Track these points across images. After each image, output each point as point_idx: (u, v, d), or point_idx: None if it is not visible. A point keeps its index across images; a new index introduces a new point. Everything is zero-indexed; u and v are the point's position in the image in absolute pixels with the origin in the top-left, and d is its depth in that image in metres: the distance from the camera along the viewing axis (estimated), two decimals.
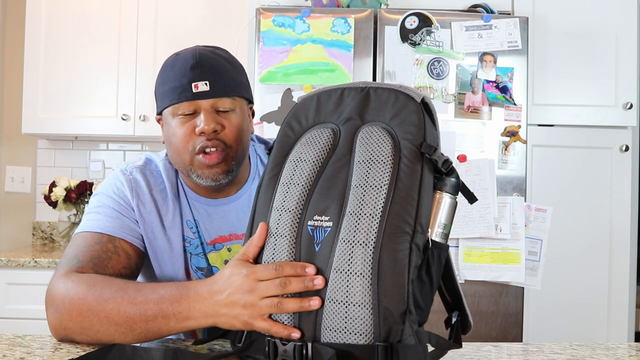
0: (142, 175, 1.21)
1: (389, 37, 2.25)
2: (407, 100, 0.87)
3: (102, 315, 0.96)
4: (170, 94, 1.13)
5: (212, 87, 1.12)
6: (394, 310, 0.78)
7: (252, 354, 0.88)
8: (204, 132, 1.11)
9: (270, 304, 0.85)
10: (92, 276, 1.02)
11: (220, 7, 2.78)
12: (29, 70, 2.78)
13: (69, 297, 0.99)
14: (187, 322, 0.92)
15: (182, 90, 1.12)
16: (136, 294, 0.96)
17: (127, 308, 0.95)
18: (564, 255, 2.44)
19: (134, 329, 0.94)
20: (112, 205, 1.17)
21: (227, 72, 1.15)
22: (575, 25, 2.47)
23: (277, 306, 0.84)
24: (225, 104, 1.14)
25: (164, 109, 1.16)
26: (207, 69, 1.12)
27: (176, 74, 1.13)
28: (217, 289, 0.90)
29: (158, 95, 1.18)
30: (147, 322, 0.94)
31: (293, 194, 0.88)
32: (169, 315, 0.93)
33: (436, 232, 0.84)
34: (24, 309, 2.45)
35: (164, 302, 0.93)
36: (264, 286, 0.85)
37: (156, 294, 0.95)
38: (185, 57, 1.14)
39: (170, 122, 1.15)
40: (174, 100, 1.13)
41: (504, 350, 1.10)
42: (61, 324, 0.99)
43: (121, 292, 0.97)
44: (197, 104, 1.12)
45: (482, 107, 2.24)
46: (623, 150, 2.46)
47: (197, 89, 1.11)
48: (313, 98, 0.95)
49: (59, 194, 2.78)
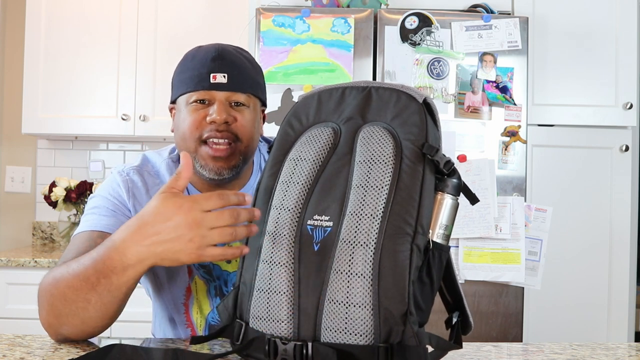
0: (139, 175, 1.21)
1: (389, 37, 2.25)
2: (409, 101, 0.87)
3: (61, 297, 0.96)
4: (188, 82, 1.14)
5: (229, 80, 1.13)
6: (395, 311, 0.78)
7: (252, 353, 0.87)
8: (214, 121, 1.12)
9: (221, 234, 0.85)
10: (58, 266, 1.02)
11: (220, 7, 2.78)
12: (29, 70, 2.78)
13: (42, 291, 1.00)
14: (127, 272, 0.91)
15: (199, 80, 1.13)
16: (77, 265, 0.95)
17: (74, 282, 0.94)
18: (564, 255, 2.44)
19: (88, 299, 0.94)
20: (108, 205, 1.17)
21: (247, 70, 1.16)
22: (575, 25, 2.47)
23: (231, 234, 0.85)
24: (240, 98, 1.15)
25: (179, 96, 1.17)
26: (227, 63, 1.14)
27: (196, 63, 1.14)
28: (150, 230, 0.87)
29: (175, 82, 1.19)
30: (95, 289, 0.93)
31: (292, 193, 0.88)
32: (107, 273, 0.91)
33: (437, 233, 0.84)
34: (24, 309, 2.45)
35: (97, 262, 0.92)
36: (214, 217, 0.85)
37: (90, 258, 0.94)
38: (207, 49, 1.16)
39: (183, 109, 1.16)
40: (190, 88, 1.14)
41: (504, 350, 1.10)
42: (45, 322, 1.00)
43: (67, 268, 0.97)
44: (213, 94, 1.13)
45: (482, 107, 2.24)
46: (623, 150, 2.46)
47: (214, 80, 1.12)
48: (314, 97, 0.95)
49: (59, 194, 2.78)
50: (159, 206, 0.88)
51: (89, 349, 0.96)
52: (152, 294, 1.28)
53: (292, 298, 0.84)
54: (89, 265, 0.93)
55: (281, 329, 0.84)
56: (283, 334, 0.84)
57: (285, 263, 0.85)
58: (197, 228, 0.85)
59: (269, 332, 0.85)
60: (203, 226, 0.85)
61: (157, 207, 0.88)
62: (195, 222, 0.85)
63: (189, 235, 0.85)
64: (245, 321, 0.88)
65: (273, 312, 0.85)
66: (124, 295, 0.95)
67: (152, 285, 1.26)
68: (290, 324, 0.84)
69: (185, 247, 0.86)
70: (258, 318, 0.86)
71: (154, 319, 1.33)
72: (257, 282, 0.87)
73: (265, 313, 0.85)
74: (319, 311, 0.82)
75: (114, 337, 1.08)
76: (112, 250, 0.91)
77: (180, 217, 0.86)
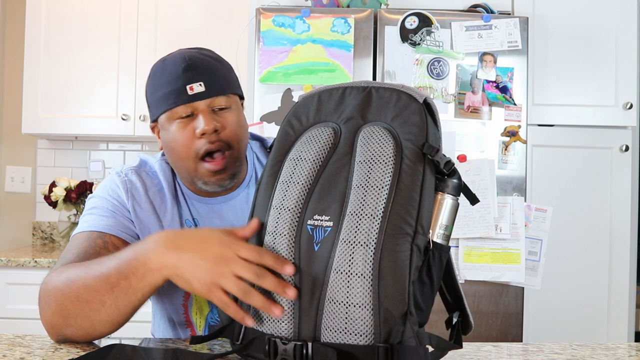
0: (138, 176, 1.21)
1: (389, 37, 2.25)
2: (409, 101, 0.87)
3: (73, 297, 0.95)
4: (166, 99, 1.13)
5: (207, 87, 1.12)
6: (395, 311, 0.78)
7: (252, 353, 0.87)
8: (205, 132, 1.11)
9: (238, 285, 0.84)
10: (66, 265, 1.02)
11: (220, 7, 2.78)
12: (29, 70, 2.78)
13: (47, 290, 0.99)
14: (146, 277, 0.91)
15: (177, 94, 1.11)
16: (98, 266, 0.96)
17: (92, 282, 0.94)
18: (564, 255, 2.44)
19: (103, 301, 0.93)
20: (107, 205, 1.17)
21: (219, 71, 1.15)
22: (575, 25, 2.47)
23: (245, 292, 0.84)
24: (221, 102, 1.14)
25: (159, 115, 1.15)
26: (200, 70, 1.12)
27: (168, 78, 1.12)
28: (183, 244, 0.89)
29: (151, 102, 1.17)
30: (112, 290, 0.92)
31: (292, 193, 0.88)
32: (128, 275, 0.91)
33: (437, 233, 0.84)
34: (24, 309, 2.45)
35: (122, 263, 0.93)
36: (241, 265, 0.84)
37: (115, 258, 0.94)
38: (174, 61, 1.13)
39: (168, 127, 1.15)
40: (170, 105, 1.12)
41: (504, 350, 1.10)
42: (48, 322, 0.99)
43: (85, 268, 0.97)
44: (194, 105, 1.12)
45: (482, 107, 2.24)
46: (623, 150, 2.46)
47: (192, 91, 1.11)
48: (314, 97, 0.95)
49: (59, 194, 2.78)
50: (206, 232, 0.89)
51: (89, 349, 0.96)
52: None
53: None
54: (112, 265, 0.94)
55: (281, 329, 0.84)
56: (283, 334, 0.84)
57: None
58: (221, 264, 0.85)
59: (269, 332, 0.85)
60: (228, 267, 0.85)
61: (204, 230, 0.90)
62: (224, 259, 0.85)
63: (210, 267, 0.85)
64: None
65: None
66: (138, 302, 0.95)
67: None
68: (290, 324, 0.84)
69: (202, 275, 0.86)
70: (258, 318, 0.86)
71: (154, 319, 1.33)
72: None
73: (265, 313, 0.86)
74: (319, 311, 0.82)
75: (113, 337, 1.08)
76: (140, 253, 0.92)
77: (215, 248, 0.86)
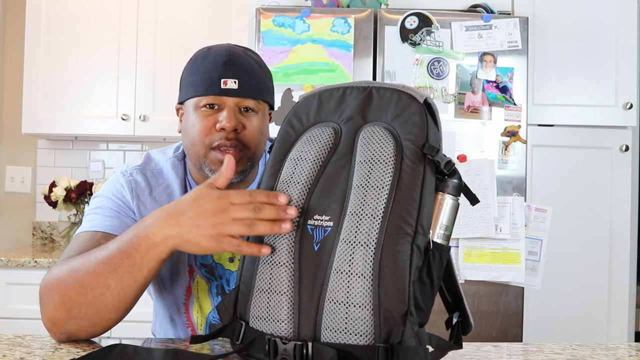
0: (143, 175, 1.21)
1: (389, 37, 2.25)
2: (409, 101, 0.87)
3: (78, 286, 0.95)
4: (198, 85, 1.14)
5: (240, 86, 1.13)
6: (395, 311, 0.78)
7: (252, 353, 0.87)
8: (224, 128, 1.12)
9: (242, 224, 0.85)
10: (66, 259, 1.02)
11: (220, 7, 2.78)
12: (29, 70, 2.78)
13: (49, 285, 0.99)
14: (151, 252, 0.92)
15: (210, 84, 1.13)
16: (100, 251, 0.97)
17: (95, 267, 0.95)
18: (564, 255, 2.44)
19: (108, 285, 0.94)
20: (111, 205, 1.17)
21: (257, 74, 1.16)
22: (575, 25, 2.47)
23: (249, 226, 0.85)
24: (249, 104, 1.15)
25: (187, 98, 1.17)
26: (239, 68, 1.13)
27: (207, 67, 1.14)
28: (179, 210, 0.90)
29: (184, 84, 1.18)
30: (116, 271, 0.93)
31: (293, 192, 0.88)
32: (132, 252, 0.92)
33: (437, 234, 0.84)
34: (24, 309, 2.45)
35: (124, 243, 0.94)
36: (237, 209, 0.86)
37: (117, 240, 0.96)
38: (218, 52, 1.15)
39: (192, 112, 1.16)
40: (199, 92, 1.14)
41: (504, 350, 1.10)
42: (49, 318, 0.99)
43: (88, 255, 0.98)
44: (222, 99, 1.13)
45: (482, 107, 2.24)
46: (623, 150, 2.46)
47: (225, 85, 1.12)
48: (314, 96, 0.95)
49: (59, 194, 2.78)
50: (194, 192, 0.90)
51: (90, 349, 0.96)
52: (153, 293, 1.28)
53: (292, 298, 0.84)
54: (114, 247, 0.95)
55: (281, 328, 0.84)
56: (283, 334, 0.84)
57: (286, 263, 0.85)
58: (220, 215, 0.86)
59: (269, 332, 0.85)
60: (226, 215, 0.86)
61: (192, 193, 0.91)
62: (220, 210, 0.87)
63: (212, 221, 0.87)
64: (245, 321, 0.88)
65: (273, 312, 0.85)
66: (143, 280, 0.95)
67: (153, 285, 1.26)
68: (290, 323, 0.84)
69: (207, 231, 0.87)
70: (258, 318, 0.86)
71: (154, 319, 1.33)
72: (257, 282, 0.87)
73: (265, 313, 0.86)
74: (319, 311, 0.82)
75: (114, 337, 1.08)
76: (141, 229, 0.93)
77: (209, 203, 0.88)
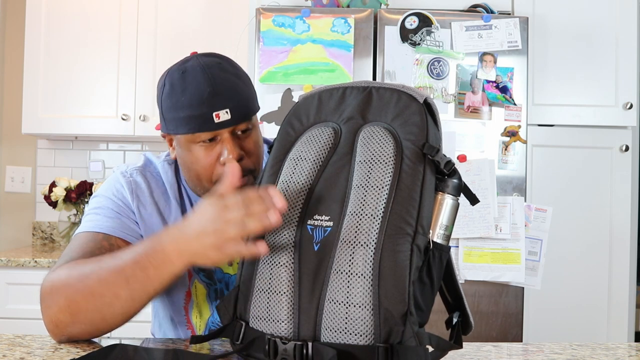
0: (143, 177, 1.20)
1: (389, 37, 2.25)
2: (409, 101, 0.87)
3: (87, 292, 0.95)
4: (189, 123, 1.09)
5: (232, 114, 1.09)
6: (395, 311, 0.78)
7: (252, 353, 0.87)
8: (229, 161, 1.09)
9: (235, 223, 0.84)
10: (73, 262, 1.02)
11: (220, 7, 2.78)
12: (29, 70, 2.78)
13: (55, 287, 0.99)
14: (165, 267, 0.92)
15: (203, 121, 1.08)
16: (112, 260, 0.96)
17: (106, 275, 0.94)
18: (564, 255, 2.44)
19: (118, 295, 0.94)
20: (111, 206, 1.16)
21: (242, 93, 1.12)
22: (575, 26, 2.47)
23: (241, 224, 0.84)
24: (243, 126, 1.12)
25: (179, 134, 1.12)
26: (225, 96, 1.08)
27: (192, 101, 1.08)
28: (187, 224, 0.90)
29: (169, 118, 1.12)
30: (128, 283, 0.93)
31: (293, 192, 0.88)
32: (146, 266, 0.92)
33: (437, 234, 0.84)
34: (24, 309, 2.45)
35: (138, 256, 0.93)
36: (229, 209, 0.85)
37: (131, 251, 0.95)
38: (197, 81, 1.08)
39: (188, 147, 1.12)
40: (193, 130, 1.09)
41: (504, 350, 1.10)
42: (52, 320, 0.98)
43: (99, 263, 0.97)
44: (219, 132, 1.10)
45: (482, 107, 2.24)
46: (623, 150, 2.46)
47: (218, 119, 1.08)
48: (314, 96, 0.95)
49: (59, 194, 2.78)
50: (200, 206, 0.90)
51: (90, 349, 0.96)
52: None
53: (292, 298, 0.84)
54: (128, 258, 0.94)
55: (281, 328, 0.84)
56: (283, 334, 0.84)
57: (285, 263, 0.85)
58: (216, 221, 0.85)
59: (269, 332, 0.85)
60: (222, 218, 0.85)
61: (198, 206, 0.90)
62: (216, 216, 0.86)
63: (211, 228, 0.86)
64: (245, 321, 0.89)
65: (273, 312, 0.85)
66: (154, 292, 0.95)
67: None
68: (290, 324, 0.84)
69: (210, 241, 0.86)
70: (258, 318, 0.86)
71: (154, 319, 1.33)
72: (257, 282, 0.87)
73: (265, 313, 0.86)
74: (319, 311, 0.82)
75: (114, 337, 1.08)
76: (157, 244, 0.92)
77: (209, 211, 0.87)
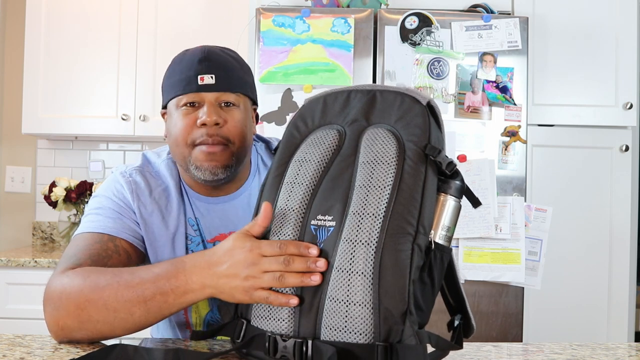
0: (142, 177, 1.21)
1: (389, 37, 2.25)
2: (412, 103, 0.88)
3: (100, 304, 0.95)
4: (176, 85, 1.15)
5: (217, 81, 1.13)
6: (395, 310, 0.79)
7: (252, 351, 0.88)
8: (205, 123, 1.11)
9: (272, 277, 0.85)
10: (87, 268, 1.02)
11: (220, 7, 2.78)
12: (29, 70, 2.78)
13: (66, 292, 0.98)
14: (186, 296, 0.92)
15: (187, 82, 1.13)
16: (131, 277, 0.96)
17: (123, 292, 0.94)
18: (564, 255, 2.44)
19: (133, 312, 0.94)
20: (113, 206, 1.16)
21: (234, 69, 1.16)
22: (575, 25, 2.47)
23: (279, 279, 0.85)
24: (229, 98, 1.15)
25: (169, 100, 1.17)
26: (215, 64, 1.14)
27: (183, 67, 1.15)
28: (216, 260, 0.90)
29: (164, 88, 1.19)
30: (145, 303, 0.93)
31: (297, 194, 0.89)
32: (166, 291, 0.92)
33: (439, 235, 0.85)
34: (24, 309, 2.45)
35: (160, 279, 0.93)
36: (267, 261, 0.86)
37: (151, 273, 0.95)
38: (194, 52, 1.16)
39: (173, 113, 1.16)
40: (178, 92, 1.14)
41: (504, 350, 1.10)
42: (58, 323, 0.98)
43: (116, 277, 0.97)
44: (201, 96, 1.13)
45: (482, 107, 2.24)
46: (623, 150, 2.46)
47: (202, 82, 1.12)
48: (319, 100, 0.96)
49: (59, 194, 2.78)
50: (230, 242, 0.90)
51: (90, 349, 0.96)
52: None
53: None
54: (148, 279, 0.94)
55: (282, 327, 0.85)
56: (283, 332, 0.85)
57: None
58: (252, 267, 0.86)
59: (270, 329, 0.86)
60: (257, 268, 0.86)
61: (228, 242, 0.90)
62: (252, 262, 0.87)
63: (244, 273, 0.87)
64: (246, 319, 0.90)
65: (274, 311, 0.86)
66: (169, 314, 0.96)
67: None
68: (290, 322, 0.84)
69: (240, 284, 0.87)
70: (259, 317, 0.87)
71: None
72: None
73: (266, 312, 0.86)
74: (320, 309, 0.82)
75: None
76: (181, 272, 0.92)
77: (242, 254, 0.88)
